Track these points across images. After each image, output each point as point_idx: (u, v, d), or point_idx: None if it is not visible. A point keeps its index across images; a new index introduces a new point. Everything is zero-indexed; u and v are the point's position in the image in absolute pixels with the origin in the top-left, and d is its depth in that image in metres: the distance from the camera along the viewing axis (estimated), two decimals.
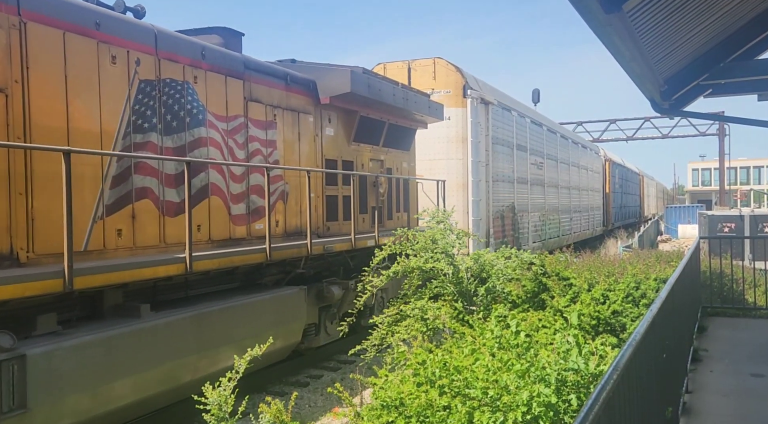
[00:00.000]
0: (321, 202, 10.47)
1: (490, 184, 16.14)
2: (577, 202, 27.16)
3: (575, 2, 4.81)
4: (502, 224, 17.12)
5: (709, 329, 8.94)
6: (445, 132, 15.29)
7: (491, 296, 8.77)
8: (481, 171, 15.49)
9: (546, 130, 22.70)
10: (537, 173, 21.12)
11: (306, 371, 9.99)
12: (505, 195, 17.62)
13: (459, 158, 15.29)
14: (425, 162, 15.03)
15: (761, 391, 6.34)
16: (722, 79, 9.03)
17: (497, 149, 16.90)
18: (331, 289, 9.93)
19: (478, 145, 15.34)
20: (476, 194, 15.31)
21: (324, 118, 10.71)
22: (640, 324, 3.53)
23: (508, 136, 18.00)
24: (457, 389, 4.52)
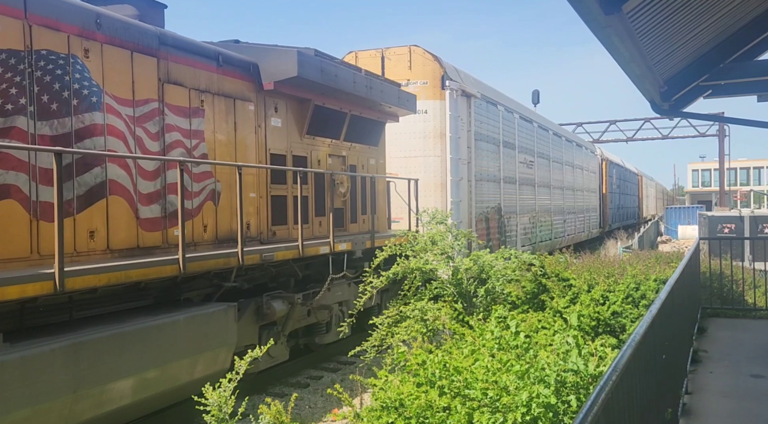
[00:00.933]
0: (265, 204, 9.04)
1: (473, 183, 14.96)
2: (571, 204, 26.02)
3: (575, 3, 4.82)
4: (487, 226, 15.95)
5: (709, 330, 8.93)
6: (421, 127, 14.06)
7: (491, 297, 8.78)
8: (461, 169, 14.28)
9: (537, 127, 21.41)
10: (527, 173, 19.90)
11: (306, 372, 9.99)
12: (490, 196, 16.43)
13: (437, 155, 13.97)
14: (400, 159, 13.94)
15: (761, 392, 6.33)
16: (722, 80, 9.04)
17: (481, 146, 15.74)
18: (272, 305, 8.46)
19: (458, 141, 14.12)
20: (456, 195, 14.07)
21: (268, 107, 9.27)
22: (639, 325, 3.53)
23: (493, 132, 16.78)
24: (456, 390, 4.52)
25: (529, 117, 20.73)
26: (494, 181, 16.79)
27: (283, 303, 8.72)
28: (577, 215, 27.16)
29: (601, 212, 32.88)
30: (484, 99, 16.21)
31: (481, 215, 15.55)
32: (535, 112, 22.38)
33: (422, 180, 13.26)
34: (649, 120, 47.13)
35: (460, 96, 14.40)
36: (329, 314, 10.00)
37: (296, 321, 9.23)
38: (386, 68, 14.35)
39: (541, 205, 21.28)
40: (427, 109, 13.93)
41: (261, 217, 8.97)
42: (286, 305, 8.76)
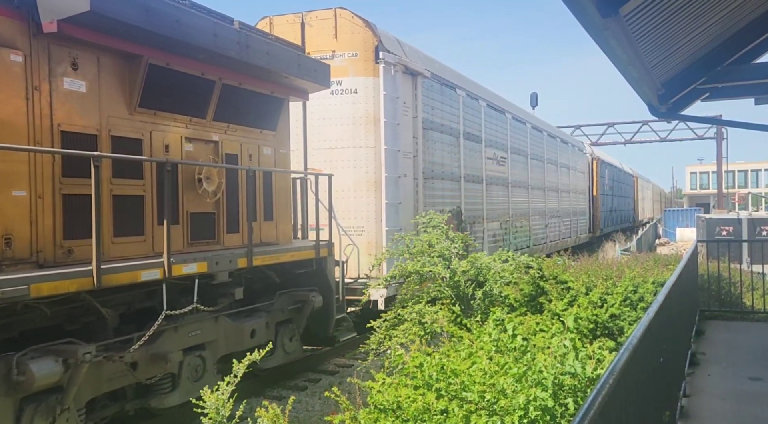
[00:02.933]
0: (50, 207, 6.16)
1: (420, 182, 12.43)
2: (555, 206, 23.51)
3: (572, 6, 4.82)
4: None
5: (707, 333, 8.94)
6: (350, 110, 11.31)
7: (489, 300, 8.78)
8: (403, 164, 11.83)
9: (511, 118, 18.75)
10: (498, 171, 17.34)
11: (304, 375, 9.97)
12: (447, 197, 13.88)
13: (370, 146, 11.33)
14: (324, 152, 11.37)
15: (759, 394, 6.33)
16: (719, 83, 9.05)
17: (433, 137, 13.18)
18: (30, 367, 5.49)
19: (396, 129, 11.57)
20: (393, 195, 11.47)
21: (57, 61, 6.26)
22: (636, 328, 3.53)
23: (451, 121, 14.18)
24: (454, 393, 4.51)
25: (501, 107, 18.10)
26: (452, 179, 14.25)
27: (56, 362, 5.70)
28: (562, 218, 24.74)
29: (591, 216, 30.57)
30: (437, 80, 13.58)
31: None
32: (509, 102, 19.43)
33: (352, 177, 11.18)
34: (647, 123, 47.23)
35: (401, 73, 11.90)
36: (175, 366, 7.25)
37: (98, 384, 6.41)
38: (307, 38, 11.57)
39: (516, 208, 18.95)
40: (357, 88, 11.28)
41: (40, 227, 6.04)
42: (60, 364, 5.72)
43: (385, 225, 11.30)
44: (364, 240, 11.19)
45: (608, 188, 35.10)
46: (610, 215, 35.62)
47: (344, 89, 11.42)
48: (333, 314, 9.70)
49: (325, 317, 9.71)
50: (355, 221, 11.31)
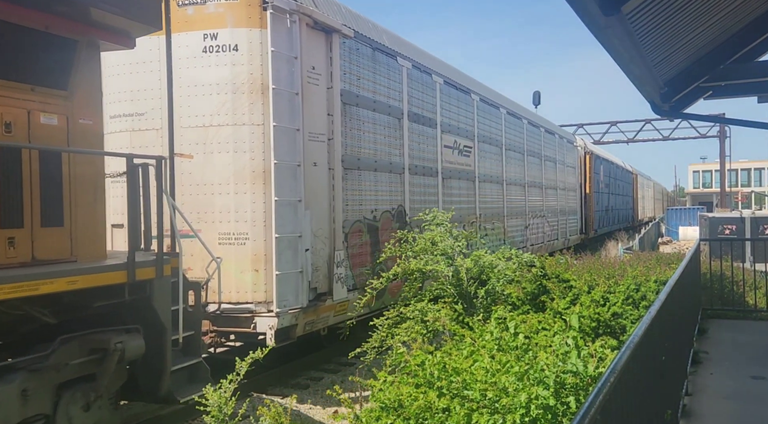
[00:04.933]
0: None
1: (338, 173, 9.60)
2: (538, 205, 20.94)
3: (574, 5, 4.82)
4: (374, 241, 10.59)
5: (710, 332, 8.93)
6: (228, 74, 8.51)
7: (491, 298, 8.77)
8: (309, 149, 8.92)
9: (479, 101, 15.73)
10: (460, 162, 14.38)
11: (306, 374, 9.99)
12: (381, 193, 10.98)
13: (256, 123, 8.49)
14: (194, 131, 8.59)
15: (762, 394, 6.33)
16: (722, 82, 9.04)
17: (359, 115, 10.34)
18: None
19: (294, 101, 8.62)
20: (289, 191, 8.54)
21: None
22: (638, 326, 3.53)
23: (389, 97, 11.34)
24: (455, 391, 4.52)
25: (465, 86, 15.12)
26: (390, 171, 11.33)
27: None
28: (547, 218, 22.03)
29: (584, 215, 27.80)
30: (368, 43, 10.71)
31: (359, 222, 10.27)
32: (477, 82, 16.62)
33: (231, 165, 8.47)
34: (650, 121, 47.18)
35: (306, 27, 8.97)
36: None
37: None
38: None
39: (487, 207, 16.17)
40: (237, 44, 8.50)
41: None
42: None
43: (276, 231, 8.27)
44: (249, 251, 8.31)
45: (604, 186, 32.46)
46: (605, 215, 33.04)
47: (220, 46, 8.51)
48: (166, 364, 6.28)
49: (155, 367, 6.32)
50: (236, 226, 8.38)
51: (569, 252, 18.23)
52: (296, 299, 8.46)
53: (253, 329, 8.15)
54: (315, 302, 8.91)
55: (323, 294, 9.11)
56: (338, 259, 9.42)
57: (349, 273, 9.80)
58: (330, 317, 9.41)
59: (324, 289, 9.16)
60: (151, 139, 8.78)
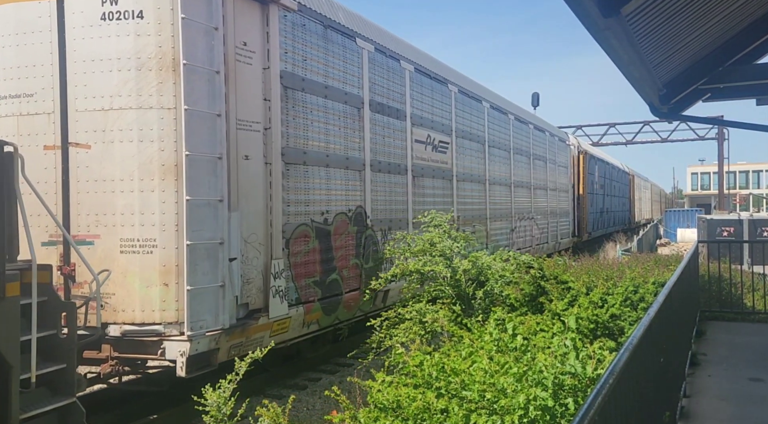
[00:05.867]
0: None
1: (278, 169, 8.20)
2: (525, 206, 19.63)
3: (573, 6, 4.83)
4: (325, 247, 9.15)
5: (708, 333, 8.94)
6: (132, 45, 7.05)
7: (489, 299, 8.79)
8: (239, 139, 7.61)
9: (457, 93, 14.35)
10: (435, 159, 13.05)
11: (304, 374, 9.99)
12: (335, 193, 9.53)
13: (166, 106, 7.07)
14: (92, 116, 7.14)
15: (760, 395, 6.33)
16: (721, 84, 9.06)
17: (304, 102, 8.88)
18: None
19: (215, 81, 7.18)
20: (207, 188, 7.09)
21: None
22: (636, 328, 3.53)
23: (344, 82, 9.88)
24: (453, 392, 4.52)
25: (443, 76, 13.82)
26: (347, 167, 9.92)
27: None
28: (536, 221, 20.72)
29: (576, 217, 26.42)
30: (317, 20, 9.35)
31: (305, 226, 8.76)
32: (456, 72, 15.27)
33: (136, 158, 7.02)
34: (649, 123, 47.22)
35: None
36: None
37: None
38: None
39: (467, 208, 14.80)
40: (142, 10, 7.10)
41: None
42: None
43: (188, 237, 6.84)
44: (156, 261, 6.94)
45: (599, 187, 31.08)
46: (600, 217, 31.57)
47: (122, 12, 7.07)
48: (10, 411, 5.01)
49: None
50: (142, 231, 6.97)
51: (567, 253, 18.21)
52: (216, 318, 6.94)
53: (161, 355, 6.76)
54: (246, 320, 7.46)
55: (257, 311, 7.68)
56: (277, 269, 7.96)
57: (291, 285, 8.29)
58: (266, 338, 7.82)
59: (258, 304, 7.71)
60: (42, 126, 7.27)
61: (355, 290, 9.77)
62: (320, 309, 8.83)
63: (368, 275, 10.08)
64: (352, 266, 9.85)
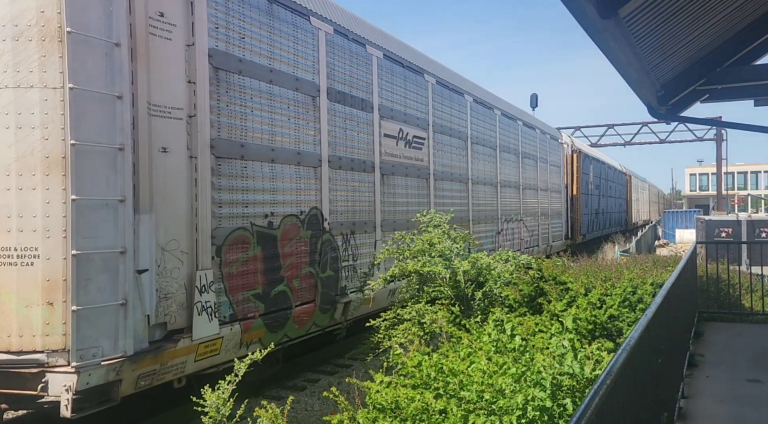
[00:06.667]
0: None
1: (205, 164, 6.95)
2: (513, 207, 18.47)
3: (571, 8, 4.84)
4: (270, 254, 7.96)
5: (706, 334, 8.95)
6: (6, 9, 5.92)
7: (488, 300, 8.79)
8: (154, 129, 6.40)
9: (435, 84, 13.11)
10: (408, 155, 11.88)
11: (303, 375, 9.99)
12: (283, 192, 8.29)
13: (52, 85, 5.88)
14: None
15: (758, 397, 6.34)
16: (719, 85, 9.08)
17: (243, 86, 7.65)
18: None
19: (113, 55, 5.94)
20: (103, 186, 5.88)
21: None
22: (634, 329, 3.54)
23: (296, 67, 8.60)
24: (452, 392, 4.53)
25: (418, 66, 12.59)
26: (299, 163, 8.63)
27: None
28: (525, 222, 19.62)
29: (569, 219, 25.30)
30: None
31: (244, 231, 7.52)
32: (435, 62, 14.04)
33: (13, 149, 5.85)
34: (647, 124, 47.27)
35: None
36: None
37: None
38: None
39: (445, 210, 12.48)
40: None
41: None
42: None
43: (74, 246, 5.68)
44: (38, 275, 5.79)
45: (593, 187, 29.94)
46: (595, 218, 30.55)
47: None
48: None
49: None
50: (20, 238, 5.81)
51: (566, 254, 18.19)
52: (115, 343, 5.78)
53: (42, 390, 5.62)
54: (161, 343, 6.29)
55: (178, 331, 6.53)
56: (204, 281, 6.80)
57: (224, 299, 7.13)
58: (189, 363, 6.70)
59: (180, 324, 6.55)
60: None
61: (308, 303, 8.63)
62: (263, 326, 7.65)
63: (326, 286, 9.02)
64: (305, 275, 8.61)
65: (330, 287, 9.11)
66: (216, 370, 7.17)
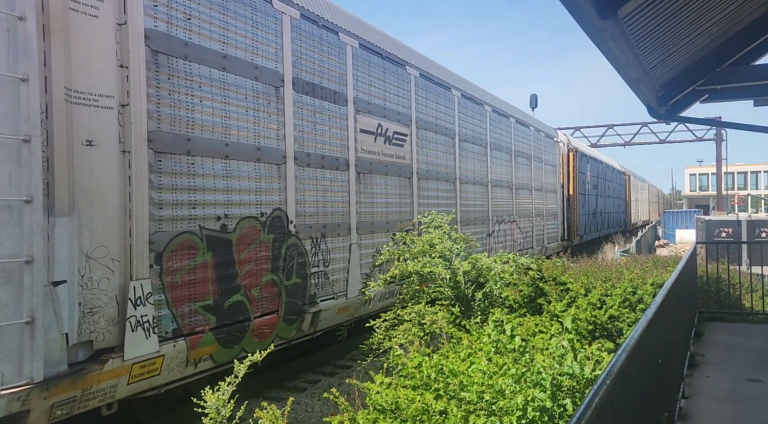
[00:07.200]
0: None
1: (142, 158, 6.23)
2: (505, 208, 17.63)
3: (571, 8, 4.84)
4: (224, 261, 7.19)
5: (706, 334, 8.95)
6: None
7: (488, 301, 8.79)
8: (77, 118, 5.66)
9: (418, 77, 12.37)
10: (388, 153, 11.10)
11: (303, 376, 9.99)
12: (240, 191, 7.52)
13: None
14: None
15: (758, 396, 6.34)
16: (718, 85, 9.09)
17: (190, 73, 6.85)
18: None
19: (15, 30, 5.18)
20: (5, 184, 5.13)
21: None
22: (634, 329, 3.54)
23: (256, 53, 7.84)
24: (452, 393, 4.53)
25: (400, 57, 11.86)
26: (259, 159, 7.87)
27: None
28: (518, 223, 18.79)
29: (566, 219, 24.55)
30: None
31: (190, 235, 6.75)
32: (418, 53, 13.22)
33: None
34: (647, 124, 47.28)
35: None
36: None
37: None
38: None
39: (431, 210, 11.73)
40: None
41: None
42: None
43: None
44: None
45: (591, 187, 29.12)
46: (593, 219, 29.73)
47: None
48: None
49: None
50: None
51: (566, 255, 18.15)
52: (19, 368, 5.05)
53: None
54: (84, 365, 5.56)
55: (108, 350, 5.80)
56: (140, 293, 6.06)
57: (166, 313, 6.38)
58: (120, 386, 5.95)
59: (109, 342, 5.81)
60: None
61: (271, 314, 7.85)
62: (214, 341, 6.90)
63: (291, 294, 8.25)
64: (267, 283, 7.82)
65: (296, 295, 8.37)
66: (157, 392, 6.49)
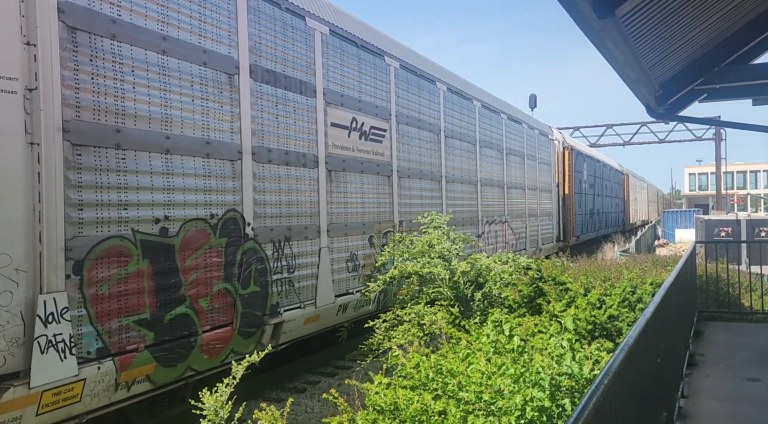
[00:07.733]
0: None
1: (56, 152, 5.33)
2: (496, 208, 16.77)
3: (569, 8, 4.84)
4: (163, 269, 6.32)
5: (706, 334, 8.95)
6: None
7: (488, 301, 8.79)
8: None
9: (398, 68, 11.54)
10: (364, 149, 10.31)
11: (303, 377, 9.98)
12: (183, 191, 6.63)
13: None
14: None
15: (757, 396, 6.34)
16: (717, 84, 9.08)
17: (121, 55, 5.99)
18: None
19: None
20: None
21: None
22: (633, 329, 3.54)
23: (203, 36, 6.98)
24: (450, 393, 4.52)
25: (378, 47, 11.02)
26: (209, 154, 7.02)
27: None
28: (510, 224, 18.02)
29: (562, 219, 23.79)
30: None
31: (120, 240, 5.90)
32: (402, 45, 12.43)
33: None
34: (646, 124, 47.33)
35: None
36: None
37: None
38: None
39: (414, 211, 11.72)
40: None
41: None
42: None
43: None
44: None
45: (588, 186, 28.36)
46: (590, 219, 28.92)
47: None
48: None
49: None
50: None
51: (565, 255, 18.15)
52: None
53: None
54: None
55: (11, 376, 4.98)
56: (52, 308, 5.22)
57: (88, 330, 5.55)
58: (27, 417, 5.12)
59: (13, 367, 4.99)
60: None
61: (224, 326, 7.03)
62: (152, 360, 6.06)
63: (248, 304, 7.42)
64: (219, 293, 6.99)
65: (255, 305, 7.53)
66: (78, 422, 5.63)
